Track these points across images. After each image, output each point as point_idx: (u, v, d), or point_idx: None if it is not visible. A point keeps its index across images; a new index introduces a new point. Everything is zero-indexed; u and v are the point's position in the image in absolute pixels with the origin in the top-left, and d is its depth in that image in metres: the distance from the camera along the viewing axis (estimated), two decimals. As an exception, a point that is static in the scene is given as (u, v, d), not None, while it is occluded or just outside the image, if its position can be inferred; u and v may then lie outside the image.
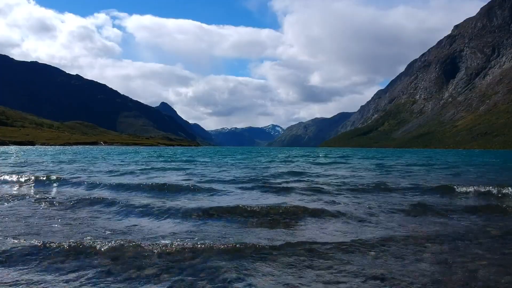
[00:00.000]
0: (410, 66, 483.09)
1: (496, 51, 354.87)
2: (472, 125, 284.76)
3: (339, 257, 4.39)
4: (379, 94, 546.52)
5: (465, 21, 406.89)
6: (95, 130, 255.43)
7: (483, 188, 9.98)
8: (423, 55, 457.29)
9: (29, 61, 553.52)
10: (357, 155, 52.98)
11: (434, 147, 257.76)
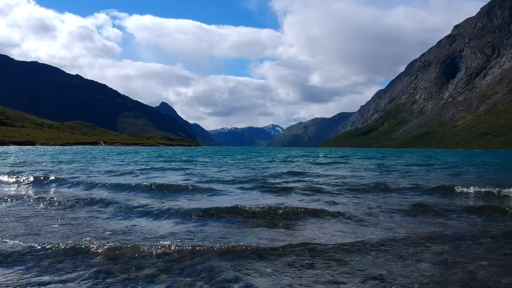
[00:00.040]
0: (410, 66, 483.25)
1: (496, 51, 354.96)
2: (472, 125, 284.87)
3: (339, 257, 4.37)
4: (379, 94, 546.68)
5: (465, 21, 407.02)
6: (95, 130, 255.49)
7: (483, 188, 9.97)
8: (423, 55, 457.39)
9: (29, 61, 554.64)
10: (357, 155, 52.95)
11: (434, 147, 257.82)
